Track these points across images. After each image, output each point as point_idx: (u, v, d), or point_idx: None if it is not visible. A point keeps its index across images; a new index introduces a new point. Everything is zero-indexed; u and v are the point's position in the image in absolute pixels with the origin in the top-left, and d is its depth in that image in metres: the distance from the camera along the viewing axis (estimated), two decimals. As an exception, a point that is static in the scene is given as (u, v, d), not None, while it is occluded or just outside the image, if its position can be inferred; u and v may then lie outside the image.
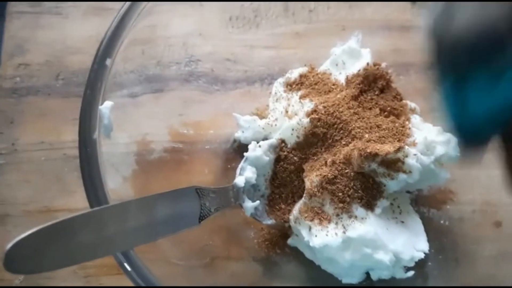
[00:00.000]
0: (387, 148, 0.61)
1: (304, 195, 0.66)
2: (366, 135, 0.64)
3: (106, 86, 0.57)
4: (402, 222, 0.65)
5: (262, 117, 0.76)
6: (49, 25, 0.83)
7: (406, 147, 0.62)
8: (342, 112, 0.66)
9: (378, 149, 0.60)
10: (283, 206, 0.69)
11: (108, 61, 0.57)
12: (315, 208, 0.64)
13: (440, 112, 0.47)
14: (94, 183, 0.51)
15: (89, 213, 0.47)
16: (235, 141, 0.76)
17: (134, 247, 0.52)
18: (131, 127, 0.72)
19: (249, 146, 0.68)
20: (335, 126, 0.66)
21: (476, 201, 0.72)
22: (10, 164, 0.75)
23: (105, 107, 0.56)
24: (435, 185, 0.70)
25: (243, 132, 0.73)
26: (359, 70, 0.70)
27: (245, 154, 0.67)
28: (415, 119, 0.69)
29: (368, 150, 0.60)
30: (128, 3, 0.61)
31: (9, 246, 0.41)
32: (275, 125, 0.72)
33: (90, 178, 0.51)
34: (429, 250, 0.64)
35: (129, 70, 0.70)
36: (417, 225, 0.66)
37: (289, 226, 0.68)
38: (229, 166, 0.75)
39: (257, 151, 0.67)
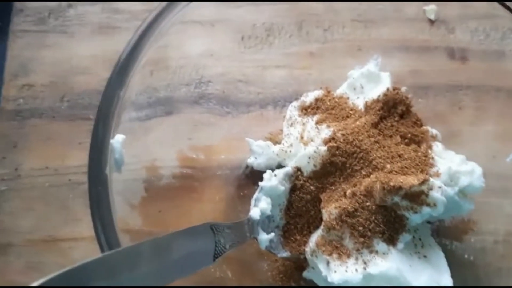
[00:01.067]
0: (411, 180, 0.58)
1: (322, 227, 0.63)
2: (388, 166, 0.61)
3: (117, 117, 0.54)
4: (425, 256, 0.62)
5: (275, 141, 0.73)
6: (54, 44, 0.80)
7: (431, 179, 0.59)
8: (362, 140, 0.63)
9: (402, 182, 0.58)
10: (298, 237, 0.66)
11: (122, 91, 0.53)
12: (334, 242, 0.61)
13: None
14: (104, 222, 0.48)
15: (100, 258, 0.44)
16: (247, 166, 0.72)
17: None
18: (139, 152, 0.69)
19: (264, 175, 0.64)
20: (355, 155, 0.63)
21: (499, 231, 0.69)
22: (13, 191, 0.72)
23: (117, 141, 0.53)
24: (457, 215, 0.67)
25: (256, 158, 0.70)
26: (378, 96, 0.67)
27: (260, 184, 0.64)
28: (437, 146, 0.66)
29: (392, 183, 0.57)
30: (141, 28, 0.57)
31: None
32: (290, 151, 0.69)
33: (99, 217, 0.48)
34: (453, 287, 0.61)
35: (138, 92, 0.67)
36: (440, 259, 0.63)
37: (305, 258, 0.65)
38: (241, 193, 0.72)
39: (272, 180, 0.64)
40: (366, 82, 0.70)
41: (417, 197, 0.59)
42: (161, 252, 0.47)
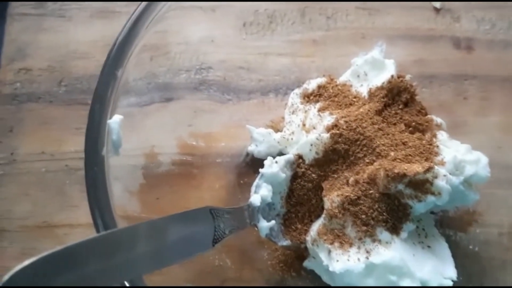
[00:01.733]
0: (415, 168, 0.56)
1: (324, 216, 0.61)
2: (392, 153, 0.60)
3: (115, 98, 0.53)
4: (429, 246, 0.60)
5: (277, 129, 0.72)
6: (52, 28, 0.78)
7: (436, 167, 0.57)
8: (365, 127, 0.62)
9: (406, 169, 0.56)
10: (299, 226, 0.65)
11: (119, 72, 0.52)
12: (336, 230, 0.60)
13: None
14: (101, 203, 0.47)
15: (96, 238, 0.42)
16: (248, 154, 0.71)
17: (144, 273, 0.48)
18: (138, 138, 0.67)
19: (265, 162, 0.63)
20: (358, 142, 0.61)
21: (504, 223, 0.68)
22: (8, 176, 0.71)
23: (114, 121, 0.51)
24: (462, 206, 0.66)
25: (256, 145, 0.69)
26: (383, 83, 0.65)
27: (260, 170, 0.62)
28: (442, 135, 0.65)
29: (396, 171, 0.56)
30: (139, 8, 0.56)
31: (6, 278, 0.36)
32: (291, 139, 0.68)
33: (96, 198, 0.47)
34: (457, 278, 0.60)
35: (137, 78, 0.66)
36: (444, 250, 0.61)
37: (305, 247, 0.64)
38: (241, 181, 0.70)
39: (273, 167, 0.63)
40: (370, 69, 0.68)
41: (421, 185, 0.57)
42: (159, 234, 0.46)
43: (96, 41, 0.78)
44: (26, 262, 0.37)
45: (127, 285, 0.49)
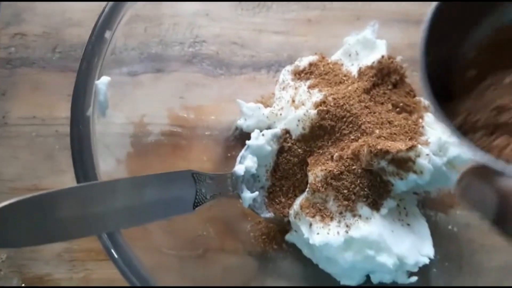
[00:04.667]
0: (398, 145, 0.57)
1: (307, 189, 0.62)
2: (377, 131, 0.61)
3: (104, 61, 0.53)
4: (408, 224, 0.61)
5: (267, 105, 0.72)
6: (49, -6, 0.78)
7: (419, 146, 0.58)
8: (352, 105, 0.62)
9: (389, 146, 0.57)
10: (283, 200, 0.65)
11: (107, 34, 0.53)
12: (318, 204, 0.61)
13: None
14: (85, 163, 0.47)
15: (75, 188, 0.43)
16: (236, 128, 0.72)
17: (121, 229, 0.49)
18: (128, 107, 0.68)
19: (252, 134, 0.64)
20: (344, 119, 0.62)
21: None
22: (-1, 138, 0.72)
23: (102, 82, 0.52)
24: (444, 188, 0.67)
25: (245, 119, 0.70)
26: (373, 62, 0.66)
27: (247, 142, 0.63)
28: (429, 117, 0.65)
29: (379, 147, 0.57)
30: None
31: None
32: (280, 114, 0.69)
33: (80, 157, 0.47)
34: (434, 256, 0.61)
35: (130, 47, 0.66)
36: (423, 228, 0.62)
37: (288, 221, 0.65)
38: (229, 154, 0.71)
39: (259, 139, 0.63)
40: (362, 49, 0.69)
41: (404, 163, 0.58)
42: (139, 190, 0.47)
43: (92, 10, 0.77)
44: (5, 203, 0.38)
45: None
